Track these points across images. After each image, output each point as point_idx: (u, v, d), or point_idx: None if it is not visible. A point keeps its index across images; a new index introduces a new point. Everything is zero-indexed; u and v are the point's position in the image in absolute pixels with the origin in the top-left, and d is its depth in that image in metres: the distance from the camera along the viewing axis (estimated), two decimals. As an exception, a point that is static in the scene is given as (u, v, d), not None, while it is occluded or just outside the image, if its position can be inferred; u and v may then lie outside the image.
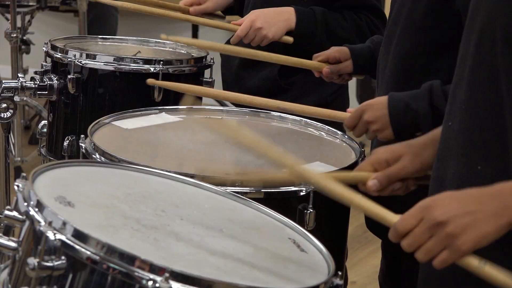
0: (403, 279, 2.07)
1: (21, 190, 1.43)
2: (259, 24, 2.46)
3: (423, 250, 1.35)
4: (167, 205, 1.58)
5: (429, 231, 1.34)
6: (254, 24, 2.46)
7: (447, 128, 1.48)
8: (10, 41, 3.95)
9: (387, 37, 2.00)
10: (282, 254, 1.51)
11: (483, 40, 1.41)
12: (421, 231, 1.34)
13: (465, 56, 1.46)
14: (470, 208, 1.34)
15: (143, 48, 2.84)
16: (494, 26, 1.39)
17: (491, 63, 1.39)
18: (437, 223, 1.33)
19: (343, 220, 2.00)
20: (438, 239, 1.33)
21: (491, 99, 1.40)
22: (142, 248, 1.37)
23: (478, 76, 1.42)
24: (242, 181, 1.78)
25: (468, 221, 1.33)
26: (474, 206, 1.34)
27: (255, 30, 2.46)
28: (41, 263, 1.31)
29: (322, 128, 2.28)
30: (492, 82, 1.39)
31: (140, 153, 2.02)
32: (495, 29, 1.38)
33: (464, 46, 1.47)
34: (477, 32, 1.42)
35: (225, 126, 1.65)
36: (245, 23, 2.47)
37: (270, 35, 2.46)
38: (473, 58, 1.43)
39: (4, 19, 4.92)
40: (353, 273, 3.60)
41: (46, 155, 2.68)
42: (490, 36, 1.39)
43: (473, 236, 1.32)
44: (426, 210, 1.35)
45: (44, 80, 2.59)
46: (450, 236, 1.33)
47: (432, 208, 1.34)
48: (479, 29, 1.42)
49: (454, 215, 1.33)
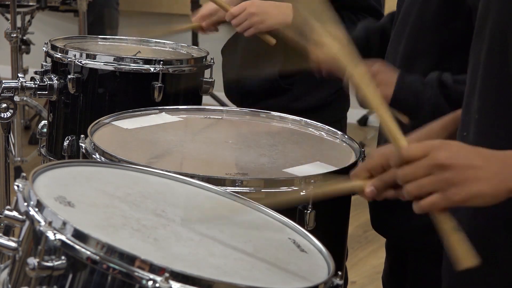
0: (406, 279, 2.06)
1: (21, 190, 1.42)
2: (253, 9, 2.46)
3: (416, 183, 1.33)
4: (167, 205, 1.58)
5: (429, 169, 1.32)
6: (248, 9, 2.46)
7: (462, 138, 1.47)
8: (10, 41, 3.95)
9: (395, 36, 2.00)
10: (282, 254, 1.51)
11: (493, 48, 1.40)
12: (422, 165, 1.32)
13: (476, 66, 1.44)
14: (476, 162, 1.32)
15: (143, 48, 2.84)
16: (504, 33, 1.38)
17: (502, 70, 1.39)
18: (439, 164, 1.31)
19: (343, 220, 2.00)
20: (434, 179, 1.32)
21: (503, 106, 1.39)
22: (142, 248, 1.37)
23: (489, 84, 1.41)
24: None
25: (469, 174, 1.31)
26: (480, 162, 1.32)
27: (248, 14, 2.45)
28: (41, 263, 1.31)
29: (322, 128, 2.28)
30: (503, 90, 1.39)
31: (140, 153, 2.02)
32: (505, 36, 1.38)
33: (475, 55, 1.46)
34: (487, 40, 1.42)
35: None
36: (241, 5, 2.47)
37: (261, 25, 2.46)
38: (484, 66, 1.42)
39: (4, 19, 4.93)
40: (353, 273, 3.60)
41: (46, 155, 2.68)
42: (501, 43, 1.38)
43: (469, 190, 1.31)
44: (434, 149, 1.33)
45: (44, 80, 2.60)
46: (447, 182, 1.31)
47: (440, 149, 1.33)
48: (489, 37, 1.41)
49: (458, 164, 1.31)
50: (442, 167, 1.31)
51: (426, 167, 1.32)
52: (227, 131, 2.32)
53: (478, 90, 1.43)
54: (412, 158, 1.34)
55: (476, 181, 1.31)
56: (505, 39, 1.38)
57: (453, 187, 1.31)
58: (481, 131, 1.42)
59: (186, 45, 2.86)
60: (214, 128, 2.29)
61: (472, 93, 1.45)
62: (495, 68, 1.40)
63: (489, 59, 1.41)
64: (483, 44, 1.43)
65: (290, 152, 2.08)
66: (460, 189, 1.31)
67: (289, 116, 2.34)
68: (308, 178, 1.86)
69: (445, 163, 1.31)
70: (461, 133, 1.48)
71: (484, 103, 1.42)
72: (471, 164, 1.32)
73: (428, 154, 1.33)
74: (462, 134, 1.47)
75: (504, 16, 1.38)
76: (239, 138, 2.26)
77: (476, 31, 1.46)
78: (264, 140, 2.17)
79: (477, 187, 1.31)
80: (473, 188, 1.31)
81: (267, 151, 2.08)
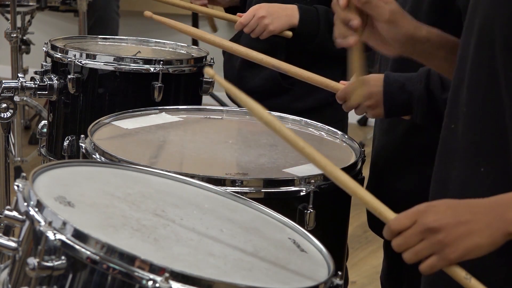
0: (405, 279, 2.06)
1: (21, 190, 1.42)
2: (263, 13, 2.47)
3: (412, 251, 1.35)
4: (167, 205, 1.58)
5: (420, 235, 1.34)
6: (257, 13, 2.47)
7: (450, 130, 1.47)
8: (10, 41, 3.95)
9: None
10: (282, 254, 1.51)
11: (482, 42, 1.41)
12: (412, 233, 1.35)
13: (465, 58, 1.45)
14: (465, 217, 1.33)
15: (143, 48, 2.84)
16: (492, 27, 1.38)
17: (490, 64, 1.39)
18: (429, 228, 1.33)
19: (343, 220, 2.00)
20: (428, 243, 1.33)
21: (492, 101, 1.40)
22: (142, 248, 1.37)
23: (478, 78, 1.42)
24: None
25: (461, 231, 1.33)
26: (469, 216, 1.34)
27: (258, 19, 2.47)
28: (41, 263, 1.31)
29: (322, 128, 2.28)
30: (492, 84, 1.39)
31: (140, 153, 2.02)
32: (493, 30, 1.38)
33: (464, 48, 1.46)
34: (476, 34, 1.42)
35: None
36: (249, 11, 2.49)
37: (272, 27, 2.47)
38: (472, 59, 1.43)
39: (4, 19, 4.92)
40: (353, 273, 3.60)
41: (46, 155, 2.68)
42: (489, 37, 1.39)
43: (464, 246, 1.32)
44: (420, 214, 1.35)
45: (44, 80, 2.59)
46: (441, 243, 1.33)
47: (426, 213, 1.35)
48: (478, 31, 1.42)
49: (447, 223, 1.33)
50: (432, 231, 1.33)
51: (417, 234, 1.34)
52: (227, 131, 2.32)
53: (467, 83, 1.44)
54: (401, 228, 1.36)
55: (470, 235, 1.33)
56: (493, 33, 1.38)
57: (448, 247, 1.33)
58: (469, 123, 1.43)
59: (186, 45, 2.86)
60: (214, 128, 2.29)
61: (460, 85, 1.46)
62: (483, 61, 1.41)
63: (477, 53, 1.42)
64: (472, 38, 1.43)
65: (290, 152, 2.08)
66: (455, 247, 1.33)
67: (289, 116, 2.34)
68: (308, 178, 1.86)
69: (434, 226, 1.33)
70: (449, 125, 1.48)
71: (473, 96, 1.43)
72: (460, 221, 1.33)
73: (416, 221, 1.35)
74: (450, 127, 1.47)
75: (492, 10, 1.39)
76: (239, 138, 2.26)
77: (466, 25, 1.47)
78: (264, 140, 2.17)
79: (471, 241, 1.33)
80: (467, 243, 1.33)
81: (267, 151, 2.08)
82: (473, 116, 1.43)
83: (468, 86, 1.43)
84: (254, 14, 2.47)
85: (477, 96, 1.42)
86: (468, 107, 1.43)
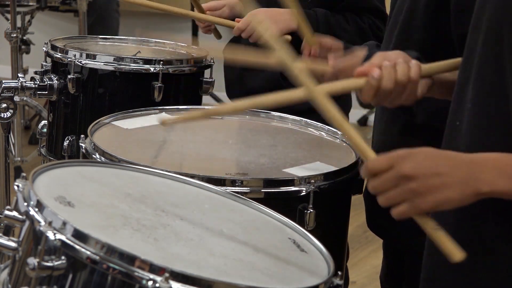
0: (404, 279, 2.07)
1: (21, 190, 1.42)
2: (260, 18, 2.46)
3: (385, 196, 1.36)
4: (167, 205, 1.58)
5: (395, 180, 1.35)
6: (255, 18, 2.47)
7: (454, 127, 1.47)
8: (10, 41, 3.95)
9: (387, 35, 2.00)
10: (282, 254, 1.51)
11: (489, 38, 1.41)
12: (387, 178, 1.36)
13: (471, 56, 1.45)
14: (441, 169, 1.34)
15: (143, 48, 2.84)
16: (500, 25, 1.38)
17: (498, 62, 1.39)
18: (404, 175, 1.34)
19: (343, 220, 2.00)
20: (400, 191, 1.34)
21: (498, 98, 1.40)
22: (142, 248, 1.37)
23: (484, 76, 1.42)
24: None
25: (435, 183, 1.34)
26: (445, 168, 1.35)
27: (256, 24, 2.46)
28: (41, 263, 1.31)
29: (322, 128, 2.28)
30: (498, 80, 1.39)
31: (140, 153, 2.02)
32: (502, 28, 1.38)
33: (470, 46, 1.46)
34: (483, 32, 1.42)
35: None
36: (247, 17, 2.49)
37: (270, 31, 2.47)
38: (479, 57, 1.43)
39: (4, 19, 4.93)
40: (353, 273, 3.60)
41: (46, 155, 2.68)
42: (497, 34, 1.39)
43: (434, 198, 1.33)
44: (399, 159, 1.36)
45: (44, 80, 2.60)
46: (413, 192, 1.34)
47: (404, 160, 1.35)
48: (486, 28, 1.42)
49: (422, 173, 1.34)
50: (407, 178, 1.34)
51: (392, 180, 1.35)
52: (227, 131, 2.32)
53: (473, 79, 1.44)
54: (378, 171, 1.37)
55: (442, 188, 1.34)
56: (501, 31, 1.38)
57: (419, 196, 1.34)
58: (475, 120, 1.43)
59: (186, 45, 2.86)
60: (214, 128, 2.29)
61: (465, 82, 1.46)
62: (490, 58, 1.41)
63: (485, 50, 1.42)
64: (479, 35, 1.43)
65: (290, 152, 2.08)
66: (427, 198, 1.34)
67: (289, 116, 2.34)
68: (308, 178, 1.86)
69: (409, 174, 1.34)
70: (453, 122, 1.48)
71: (478, 93, 1.43)
72: (436, 172, 1.34)
73: (393, 166, 1.36)
74: (455, 124, 1.48)
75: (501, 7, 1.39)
76: (239, 138, 2.26)
77: (473, 22, 1.47)
78: (264, 140, 2.17)
79: (443, 194, 1.34)
80: (438, 196, 1.34)
81: (267, 151, 2.08)
82: (478, 112, 1.43)
83: (474, 82, 1.43)
84: (251, 20, 2.47)
85: (483, 93, 1.42)
86: (473, 103, 1.43)
